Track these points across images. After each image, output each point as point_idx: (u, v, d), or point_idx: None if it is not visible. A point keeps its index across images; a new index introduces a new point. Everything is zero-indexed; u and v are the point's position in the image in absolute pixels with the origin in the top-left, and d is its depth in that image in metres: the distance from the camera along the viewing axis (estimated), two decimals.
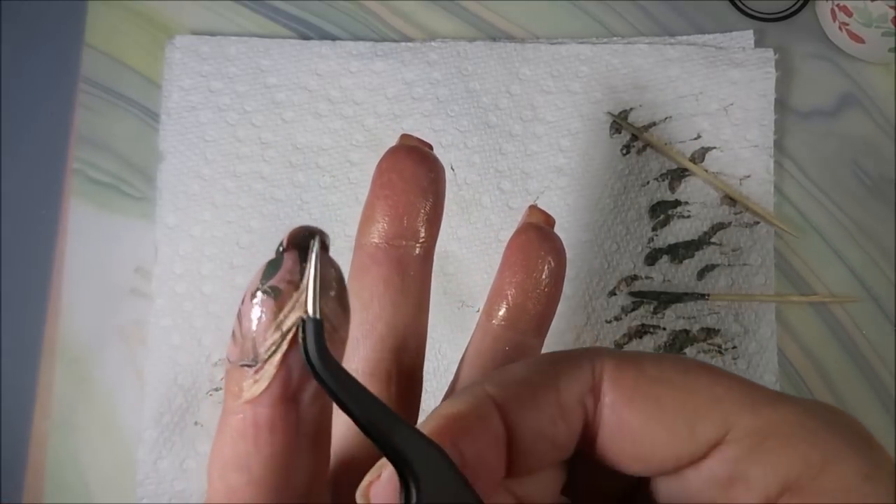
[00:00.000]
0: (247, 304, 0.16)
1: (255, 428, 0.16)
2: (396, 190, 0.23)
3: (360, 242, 0.23)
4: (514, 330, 0.24)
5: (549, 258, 0.24)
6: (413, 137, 0.24)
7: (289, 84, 0.41)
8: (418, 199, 0.23)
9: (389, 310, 0.22)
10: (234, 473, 0.16)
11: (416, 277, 0.23)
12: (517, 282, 0.24)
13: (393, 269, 0.22)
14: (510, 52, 0.42)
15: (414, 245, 0.23)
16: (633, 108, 0.41)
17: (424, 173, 0.23)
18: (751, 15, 0.43)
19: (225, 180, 0.41)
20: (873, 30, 0.39)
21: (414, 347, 0.23)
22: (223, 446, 0.16)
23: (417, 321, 0.23)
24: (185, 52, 0.42)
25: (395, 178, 0.23)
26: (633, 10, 0.43)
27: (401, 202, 0.23)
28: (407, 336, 0.23)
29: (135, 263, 0.41)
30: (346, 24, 0.43)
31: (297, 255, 0.16)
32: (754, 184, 0.40)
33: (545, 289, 0.24)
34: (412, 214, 0.23)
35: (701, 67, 0.41)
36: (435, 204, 0.23)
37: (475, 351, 0.24)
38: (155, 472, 0.38)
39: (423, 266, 0.23)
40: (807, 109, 0.42)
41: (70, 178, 0.42)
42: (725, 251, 0.40)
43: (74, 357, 0.40)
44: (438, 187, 0.23)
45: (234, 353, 0.16)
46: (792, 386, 0.40)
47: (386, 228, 0.23)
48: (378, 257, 0.23)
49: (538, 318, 0.24)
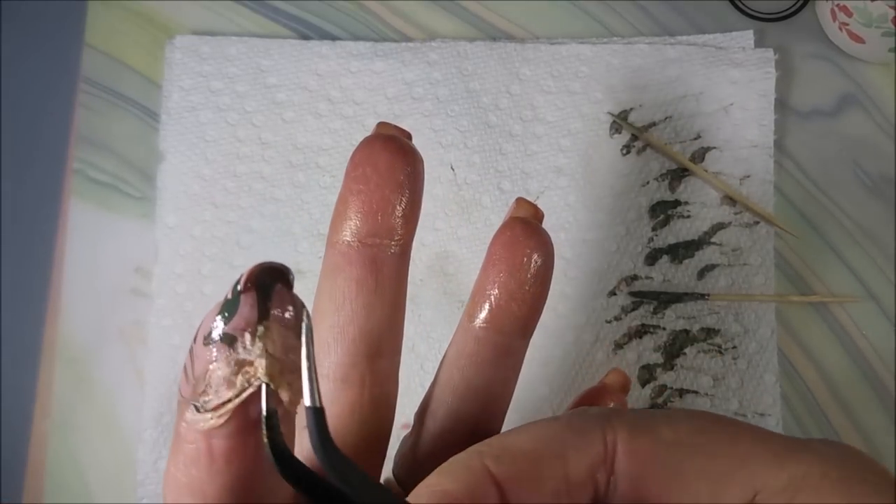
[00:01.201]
0: (199, 346, 0.15)
1: (208, 458, 0.15)
2: (370, 184, 0.21)
3: (332, 240, 0.22)
4: (497, 332, 0.22)
5: (535, 256, 0.23)
6: (391, 126, 0.22)
7: (289, 84, 0.42)
8: (394, 195, 0.21)
9: (362, 312, 0.21)
10: (189, 498, 0.16)
11: (391, 277, 0.22)
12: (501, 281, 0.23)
13: (366, 270, 0.21)
14: (510, 52, 0.42)
15: (389, 243, 0.21)
16: (633, 108, 0.41)
17: (401, 166, 0.21)
18: (751, 15, 0.43)
19: (225, 180, 0.41)
20: (873, 30, 0.39)
21: (389, 351, 0.22)
22: (177, 471, 0.16)
23: (393, 322, 0.22)
24: (185, 52, 0.42)
25: (370, 171, 0.21)
26: (633, 10, 0.43)
27: (374, 198, 0.21)
28: (381, 339, 0.21)
29: (135, 263, 0.41)
30: (346, 24, 0.43)
31: (255, 298, 0.14)
32: (754, 184, 0.40)
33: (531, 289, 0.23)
34: (387, 211, 0.21)
35: (701, 67, 0.41)
36: (412, 199, 0.21)
37: (456, 353, 0.23)
38: (155, 472, 0.38)
39: (398, 265, 0.22)
40: (807, 109, 0.42)
41: (70, 177, 0.42)
42: (725, 251, 0.40)
43: (74, 357, 0.40)
44: (416, 181, 0.22)
45: (186, 391, 0.15)
46: (792, 386, 0.40)
47: (359, 226, 0.21)
48: (351, 256, 0.21)
49: (523, 320, 0.23)
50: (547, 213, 0.25)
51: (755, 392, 0.39)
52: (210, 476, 0.15)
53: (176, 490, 0.16)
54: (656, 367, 0.39)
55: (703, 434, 0.17)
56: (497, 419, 0.23)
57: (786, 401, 0.39)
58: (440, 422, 0.22)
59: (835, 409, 0.39)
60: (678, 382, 0.39)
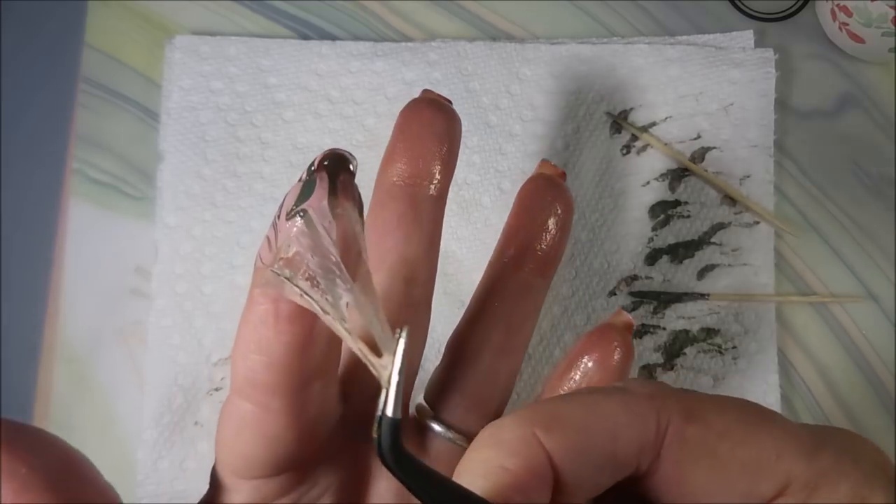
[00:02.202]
0: (282, 221, 0.17)
1: (275, 317, 0.17)
2: (414, 135, 0.24)
3: (379, 181, 0.25)
4: (520, 269, 0.26)
5: (556, 204, 0.27)
6: (433, 93, 0.26)
7: (289, 84, 0.41)
8: (434, 144, 0.24)
9: (402, 242, 0.24)
10: (255, 355, 0.18)
11: (429, 215, 0.24)
12: (525, 225, 0.26)
13: (407, 205, 0.24)
14: (510, 52, 0.42)
15: (428, 185, 0.24)
16: (633, 108, 0.41)
17: (440, 122, 0.25)
18: (751, 15, 0.43)
19: (225, 180, 0.41)
20: (873, 30, 0.39)
21: (423, 280, 0.24)
22: (247, 331, 0.18)
23: (429, 255, 0.24)
24: (185, 52, 0.42)
25: (414, 125, 0.25)
26: (633, 10, 0.43)
27: (417, 146, 0.24)
28: (417, 268, 0.24)
29: (135, 263, 0.41)
30: (346, 24, 0.43)
31: (326, 179, 0.17)
32: (754, 184, 0.40)
33: (552, 233, 0.26)
34: (428, 157, 0.24)
35: (701, 67, 0.41)
36: (450, 149, 0.25)
37: (484, 289, 0.26)
38: (155, 472, 0.38)
39: (436, 206, 0.25)
40: (807, 109, 0.42)
41: (70, 178, 0.42)
42: (725, 251, 0.40)
43: (74, 357, 0.40)
44: (454, 135, 0.25)
45: (268, 258, 0.17)
46: (792, 386, 0.40)
47: (403, 169, 0.24)
48: (394, 194, 0.24)
49: (544, 260, 0.26)
50: None
51: (755, 392, 0.39)
52: (275, 334, 0.18)
53: (244, 348, 0.18)
54: (656, 367, 0.39)
55: (748, 425, 0.17)
56: (517, 350, 0.26)
57: (786, 401, 0.39)
58: (468, 348, 0.25)
59: (835, 409, 0.39)
60: (678, 382, 0.39)
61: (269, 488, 0.21)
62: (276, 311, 0.17)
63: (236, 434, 0.20)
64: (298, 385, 0.19)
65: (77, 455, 0.18)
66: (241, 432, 0.19)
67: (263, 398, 0.19)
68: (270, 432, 0.19)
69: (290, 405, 0.19)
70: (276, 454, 0.20)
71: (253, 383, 0.18)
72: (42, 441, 0.17)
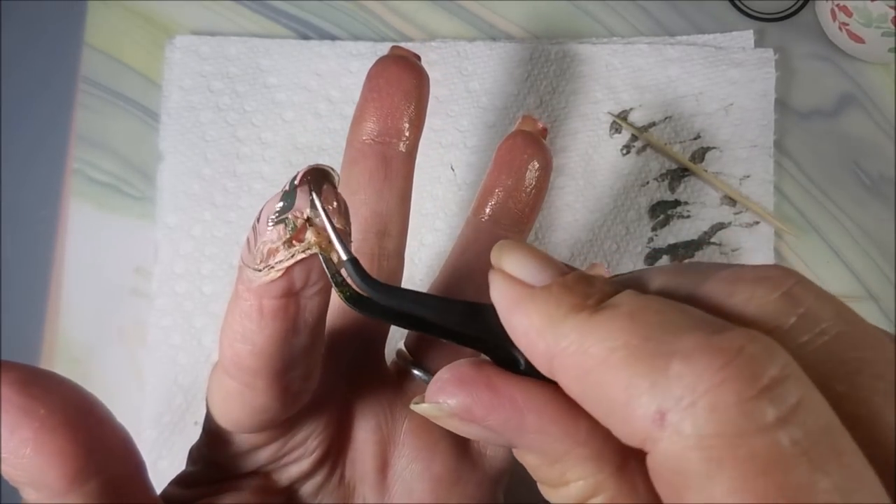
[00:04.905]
0: (262, 224, 0.18)
1: (259, 313, 0.18)
2: (382, 93, 0.25)
3: (350, 140, 0.25)
4: (496, 224, 0.27)
5: (533, 160, 0.27)
6: (403, 49, 0.26)
7: (289, 84, 0.41)
8: (402, 102, 0.25)
9: (374, 197, 0.25)
10: (241, 344, 0.19)
11: (400, 171, 0.25)
12: (502, 180, 0.27)
13: (378, 162, 0.25)
14: (510, 52, 0.42)
15: (397, 143, 0.25)
16: (633, 108, 0.41)
17: (408, 79, 0.25)
18: (751, 15, 0.43)
19: (225, 180, 0.41)
20: (873, 30, 0.39)
21: (396, 233, 0.25)
22: (233, 322, 0.19)
23: (400, 210, 0.25)
24: (185, 52, 0.42)
25: (382, 82, 0.25)
26: (633, 10, 0.43)
27: (385, 103, 0.25)
28: (389, 222, 0.25)
29: (135, 263, 0.41)
30: (346, 24, 0.43)
31: (308, 192, 0.18)
32: (754, 184, 0.40)
33: (528, 189, 0.27)
34: (396, 115, 0.25)
35: (701, 67, 0.41)
36: (418, 107, 0.25)
37: (460, 243, 0.27)
38: (155, 473, 0.38)
39: (406, 162, 0.25)
40: (807, 109, 0.42)
41: (70, 178, 0.42)
42: (725, 251, 0.40)
43: (74, 357, 0.40)
44: (422, 92, 0.26)
45: (248, 259, 0.19)
46: None
47: (372, 127, 0.25)
48: (365, 151, 0.25)
49: (519, 216, 0.27)
50: (547, 213, 0.26)
51: None
52: (259, 327, 0.18)
53: (231, 337, 0.19)
54: None
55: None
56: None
57: None
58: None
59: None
60: None
61: (258, 437, 0.22)
62: (260, 307, 0.18)
63: (223, 402, 0.21)
64: (281, 370, 0.19)
65: (91, 396, 0.19)
66: (228, 401, 0.21)
67: (248, 379, 0.19)
68: (255, 405, 0.20)
69: (274, 385, 0.20)
70: (262, 420, 0.21)
71: (238, 366, 0.19)
72: (57, 383, 0.18)
